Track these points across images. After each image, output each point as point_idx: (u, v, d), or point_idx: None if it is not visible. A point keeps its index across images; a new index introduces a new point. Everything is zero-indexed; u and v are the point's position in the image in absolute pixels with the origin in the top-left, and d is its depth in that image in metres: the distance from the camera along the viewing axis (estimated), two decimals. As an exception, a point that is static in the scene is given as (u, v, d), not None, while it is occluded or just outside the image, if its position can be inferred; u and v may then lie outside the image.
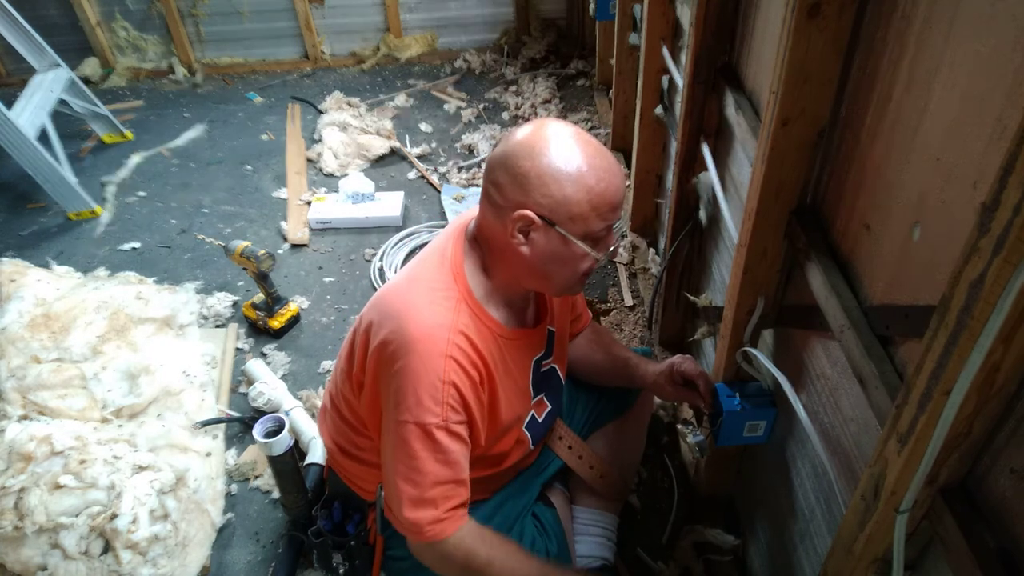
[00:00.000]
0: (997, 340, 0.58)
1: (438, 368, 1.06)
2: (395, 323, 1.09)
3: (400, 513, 1.11)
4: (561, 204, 1.03)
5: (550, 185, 1.02)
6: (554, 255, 1.08)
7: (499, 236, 1.09)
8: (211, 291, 2.49)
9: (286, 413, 1.96)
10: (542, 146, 1.03)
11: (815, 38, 0.93)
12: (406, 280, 1.18)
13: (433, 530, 1.10)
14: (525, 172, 1.03)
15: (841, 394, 1.05)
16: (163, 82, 4.07)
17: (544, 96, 3.60)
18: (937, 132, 0.76)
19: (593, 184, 1.03)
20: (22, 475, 1.59)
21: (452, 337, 1.07)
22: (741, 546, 1.57)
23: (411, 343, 1.06)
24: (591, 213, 1.05)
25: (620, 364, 1.48)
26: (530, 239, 1.06)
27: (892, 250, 0.87)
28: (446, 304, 1.10)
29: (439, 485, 1.10)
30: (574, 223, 1.05)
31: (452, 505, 1.12)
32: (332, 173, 3.17)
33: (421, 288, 1.13)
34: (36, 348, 1.91)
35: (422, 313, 1.09)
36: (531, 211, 1.03)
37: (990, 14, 0.66)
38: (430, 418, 1.06)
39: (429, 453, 1.08)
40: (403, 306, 1.11)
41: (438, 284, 1.13)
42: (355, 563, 1.43)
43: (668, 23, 2.02)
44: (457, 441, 1.10)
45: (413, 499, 1.09)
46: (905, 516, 0.75)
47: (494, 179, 1.07)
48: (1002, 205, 0.54)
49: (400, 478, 1.10)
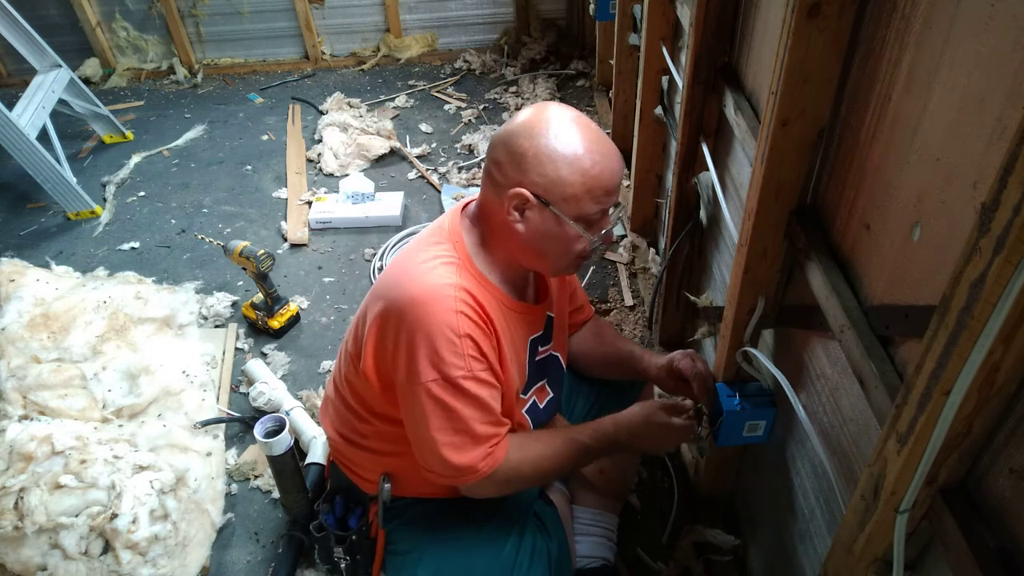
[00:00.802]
0: (997, 340, 0.58)
1: (451, 323, 1.06)
2: (394, 292, 1.09)
3: (447, 462, 1.11)
4: (556, 184, 1.06)
5: (546, 165, 1.05)
6: (548, 234, 1.10)
7: (497, 213, 1.11)
8: (211, 291, 2.49)
9: (286, 413, 1.96)
10: (542, 127, 1.06)
11: (815, 38, 0.93)
12: (405, 258, 1.18)
13: (487, 463, 1.12)
14: (523, 151, 1.06)
15: (841, 394, 1.05)
16: (164, 82, 4.08)
17: (544, 96, 3.61)
18: (937, 132, 0.76)
19: (588, 167, 1.05)
20: (22, 475, 1.59)
21: (457, 294, 1.08)
22: (741, 546, 1.57)
23: (416, 306, 1.06)
24: (585, 195, 1.07)
25: (624, 356, 1.48)
26: (525, 217, 1.09)
27: (892, 250, 0.87)
28: (445, 268, 1.11)
29: (481, 424, 1.10)
30: (568, 204, 1.07)
31: (497, 439, 1.13)
32: (332, 173, 3.18)
33: (418, 256, 1.14)
34: (36, 348, 1.91)
35: (423, 276, 1.09)
36: (527, 190, 1.06)
37: (990, 14, 0.66)
38: (455, 371, 1.06)
39: (462, 402, 1.08)
40: (401, 274, 1.12)
41: (437, 251, 1.14)
42: (357, 557, 1.43)
43: (668, 23, 2.02)
44: (486, 387, 1.10)
45: (458, 445, 1.10)
46: (905, 516, 0.75)
47: (495, 157, 1.10)
48: (1002, 205, 0.54)
49: (437, 432, 1.09)
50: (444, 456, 1.10)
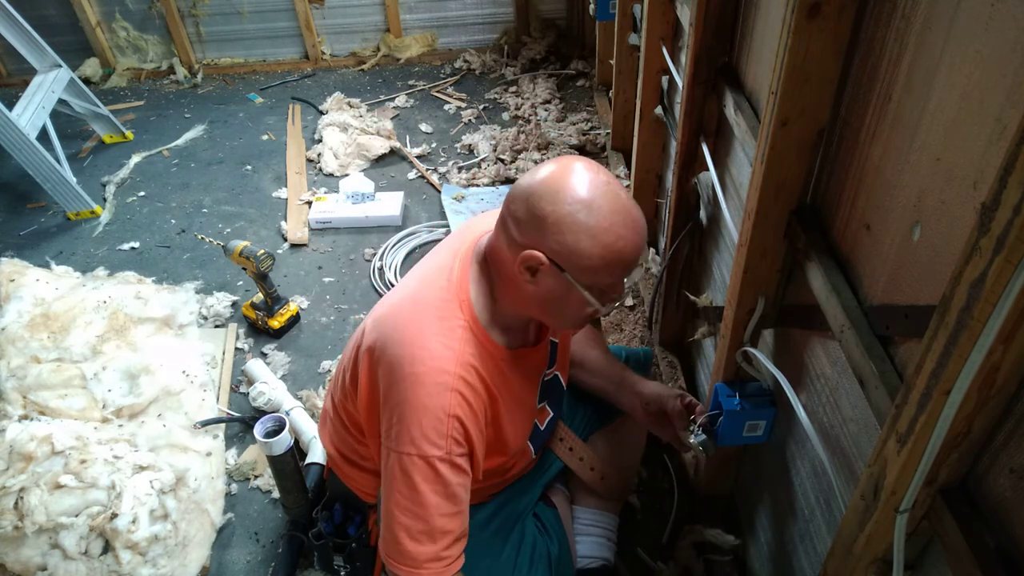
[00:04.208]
0: (997, 340, 0.58)
1: (443, 402, 1.05)
2: (400, 351, 1.08)
3: (397, 541, 1.09)
4: (574, 254, 1.01)
5: (566, 235, 1.00)
6: (559, 298, 1.06)
7: (508, 266, 1.07)
8: (211, 291, 2.49)
9: (286, 413, 1.96)
10: (566, 193, 1.00)
11: (815, 38, 0.93)
12: (410, 302, 1.15)
13: (430, 569, 1.09)
14: (544, 215, 1.00)
15: (841, 394, 1.05)
16: (164, 82, 4.07)
17: (544, 96, 3.60)
18: (937, 132, 0.76)
19: (611, 242, 1.01)
20: (22, 475, 1.59)
21: (458, 370, 1.06)
22: (741, 546, 1.57)
23: (416, 375, 1.05)
24: (603, 269, 1.03)
25: (616, 368, 1.49)
26: (537, 278, 1.05)
27: (892, 250, 0.87)
28: (452, 335, 1.08)
29: (441, 517, 1.08)
30: (583, 273, 1.03)
31: (448, 543, 1.10)
32: (332, 173, 3.18)
33: (426, 315, 1.11)
34: (36, 348, 1.91)
35: (428, 343, 1.07)
36: (543, 253, 1.02)
37: (990, 14, 0.66)
38: (433, 451, 1.05)
39: (430, 485, 1.07)
40: (408, 333, 1.09)
41: (444, 311, 1.10)
42: (356, 565, 1.43)
43: (668, 23, 2.02)
44: (459, 473, 1.09)
45: (411, 531, 1.08)
46: (905, 516, 0.75)
47: (513, 211, 1.05)
48: (1002, 205, 0.54)
49: (399, 509, 1.08)
50: (396, 535, 1.08)
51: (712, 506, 1.67)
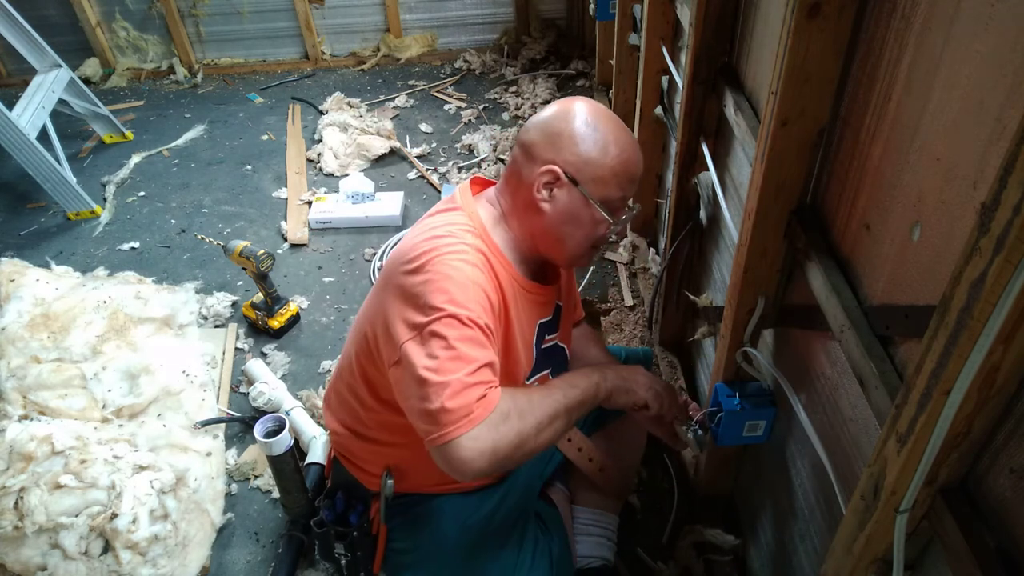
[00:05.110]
0: (997, 340, 0.58)
1: (466, 271, 1.05)
2: (411, 254, 1.08)
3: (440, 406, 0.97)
4: (587, 164, 1.13)
5: (579, 145, 1.12)
6: (572, 215, 1.15)
7: (524, 192, 1.16)
8: (211, 291, 2.49)
9: (286, 413, 1.96)
10: (576, 112, 1.14)
11: (815, 38, 0.93)
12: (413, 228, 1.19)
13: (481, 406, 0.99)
14: (559, 131, 1.13)
15: (841, 394, 1.05)
16: (164, 82, 4.08)
17: (544, 96, 3.60)
18: (937, 132, 0.76)
19: (617, 152, 1.14)
20: (22, 475, 1.59)
21: (474, 255, 1.08)
22: (741, 546, 1.57)
23: (434, 256, 1.05)
24: (612, 179, 1.14)
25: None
26: (553, 195, 1.14)
27: (892, 250, 0.87)
28: (462, 232, 1.12)
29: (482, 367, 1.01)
30: (595, 185, 1.13)
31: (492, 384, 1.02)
32: (332, 173, 3.18)
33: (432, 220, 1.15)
34: (36, 348, 1.91)
35: (440, 239, 1.09)
36: (559, 167, 1.12)
37: (990, 14, 0.66)
38: (464, 311, 1.01)
39: (466, 340, 1.00)
40: (417, 240, 1.11)
41: (453, 217, 1.15)
42: (357, 554, 1.43)
43: (668, 23, 2.02)
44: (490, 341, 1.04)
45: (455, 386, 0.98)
46: (905, 516, 0.75)
47: (527, 139, 1.16)
48: (1002, 205, 0.54)
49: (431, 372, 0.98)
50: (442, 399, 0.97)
51: (712, 506, 1.67)
